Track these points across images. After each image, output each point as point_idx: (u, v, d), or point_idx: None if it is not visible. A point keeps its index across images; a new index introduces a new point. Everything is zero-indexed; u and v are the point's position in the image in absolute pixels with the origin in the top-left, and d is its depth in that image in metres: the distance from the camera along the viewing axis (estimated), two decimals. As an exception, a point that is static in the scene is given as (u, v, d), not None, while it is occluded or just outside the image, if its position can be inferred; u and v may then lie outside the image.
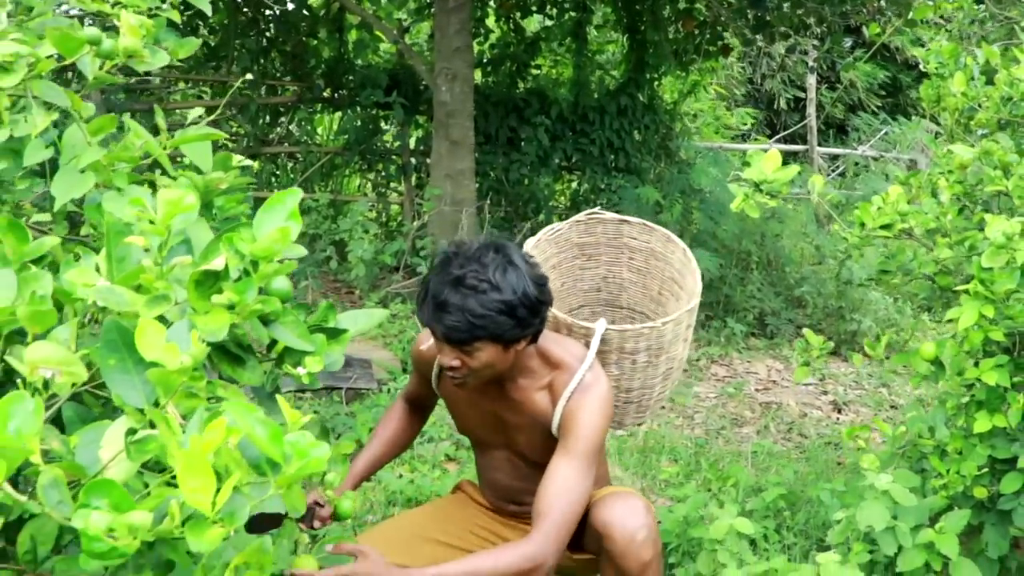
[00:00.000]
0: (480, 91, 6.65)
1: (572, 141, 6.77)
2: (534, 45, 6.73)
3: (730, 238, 6.14)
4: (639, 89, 6.77)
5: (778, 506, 3.05)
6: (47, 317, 1.01)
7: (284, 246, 1.07)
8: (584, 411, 1.98)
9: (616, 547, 1.96)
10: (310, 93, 6.61)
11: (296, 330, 1.28)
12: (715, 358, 5.60)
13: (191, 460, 0.86)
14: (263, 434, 0.91)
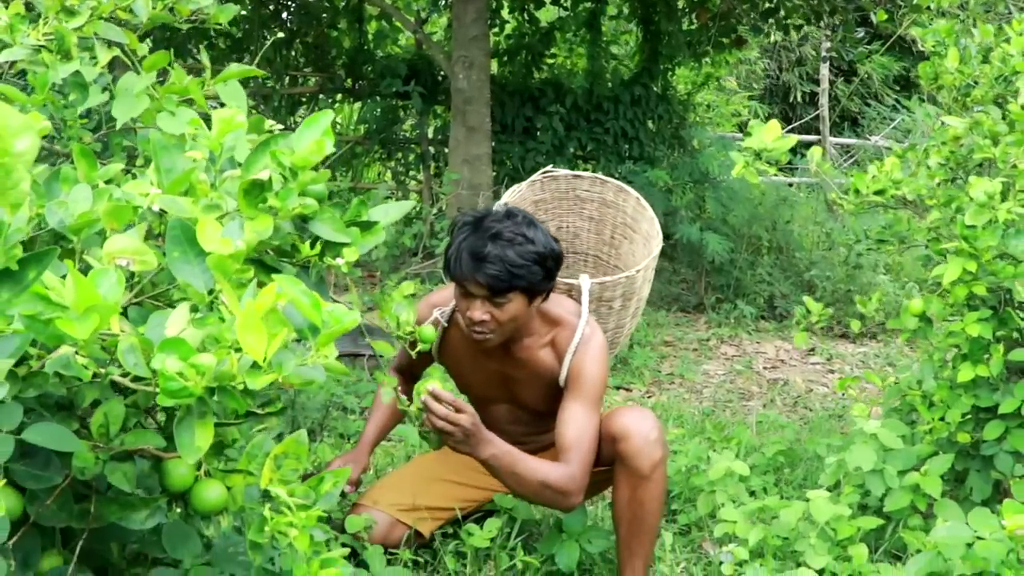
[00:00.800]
0: (496, 81, 6.82)
1: (587, 130, 6.92)
2: (549, 35, 6.89)
3: (741, 223, 6.28)
4: (653, 80, 6.91)
5: (778, 462, 3.19)
6: (124, 212, 1.19)
7: (319, 157, 1.25)
8: (589, 362, 2.21)
9: (631, 447, 2.15)
10: (331, 83, 6.81)
11: (333, 225, 1.46)
12: (725, 338, 5.74)
13: (247, 317, 1.04)
14: (306, 301, 1.09)
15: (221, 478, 1.41)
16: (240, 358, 1.06)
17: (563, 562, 2.32)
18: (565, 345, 2.23)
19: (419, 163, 6.97)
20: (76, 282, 1.02)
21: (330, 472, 1.50)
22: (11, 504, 1.19)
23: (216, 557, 1.54)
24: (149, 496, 1.39)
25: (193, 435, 1.10)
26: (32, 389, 1.21)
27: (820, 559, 2.37)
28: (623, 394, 4.60)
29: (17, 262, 1.01)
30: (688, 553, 2.61)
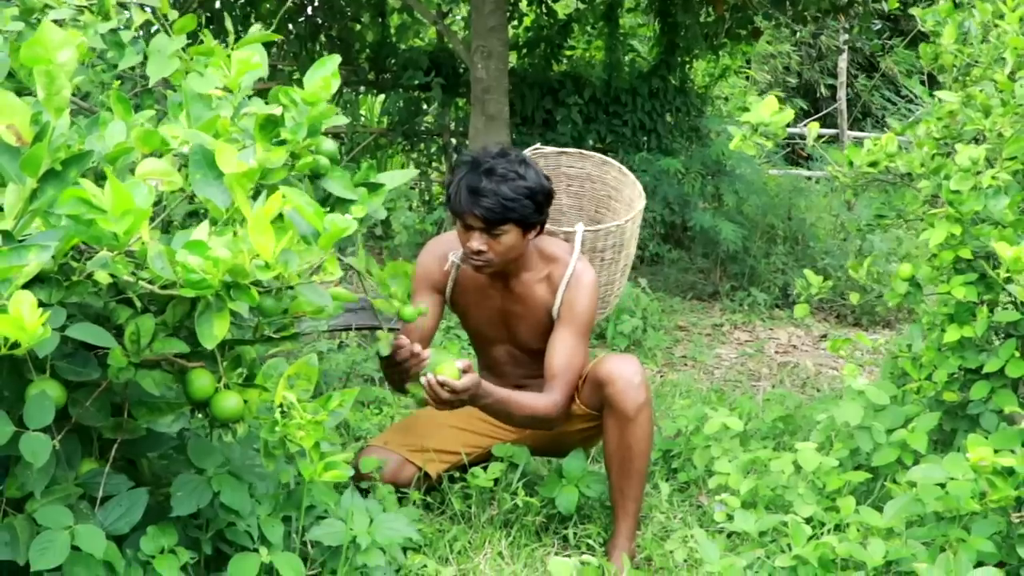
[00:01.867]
0: (516, 73, 6.97)
1: (606, 122, 7.05)
2: (567, 28, 7.03)
3: (755, 212, 6.38)
4: (671, 72, 7.03)
5: (777, 429, 3.31)
6: (152, 137, 1.35)
7: (327, 93, 1.41)
8: (580, 295, 2.40)
9: (616, 390, 2.31)
10: (355, 76, 6.99)
11: (342, 183, 1.63)
12: (738, 324, 5.85)
13: (257, 220, 1.19)
14: (308, 207, 1.24)
15: (239, 391, 1.57)
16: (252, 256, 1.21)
17: (563, 505, 2.46)
18: (559, 279, 2.43)
19: (441, 154, 7.14)
20: (114, 188, 1.18)
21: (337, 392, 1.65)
22: (56, 394, 1.36)
23: (235, 467, 1.69)
24: (175, 402, 1.55)
25: (212, 325, 1.26)
26: (74, 296, 1.37)
27: (808, 508, 2.48)
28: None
29: (60, 163, 1.17)
30: (685, 506, 2.74)
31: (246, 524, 1.68)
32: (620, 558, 2.31)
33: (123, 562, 1.50)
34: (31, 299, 0.99)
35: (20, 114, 1.14)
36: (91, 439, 1.63)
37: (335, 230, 1.26)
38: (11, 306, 0.97)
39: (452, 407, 2.19)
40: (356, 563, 1.86)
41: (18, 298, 0.98)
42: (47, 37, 1.14)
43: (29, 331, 0.99)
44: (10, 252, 1.06)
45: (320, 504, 1.93)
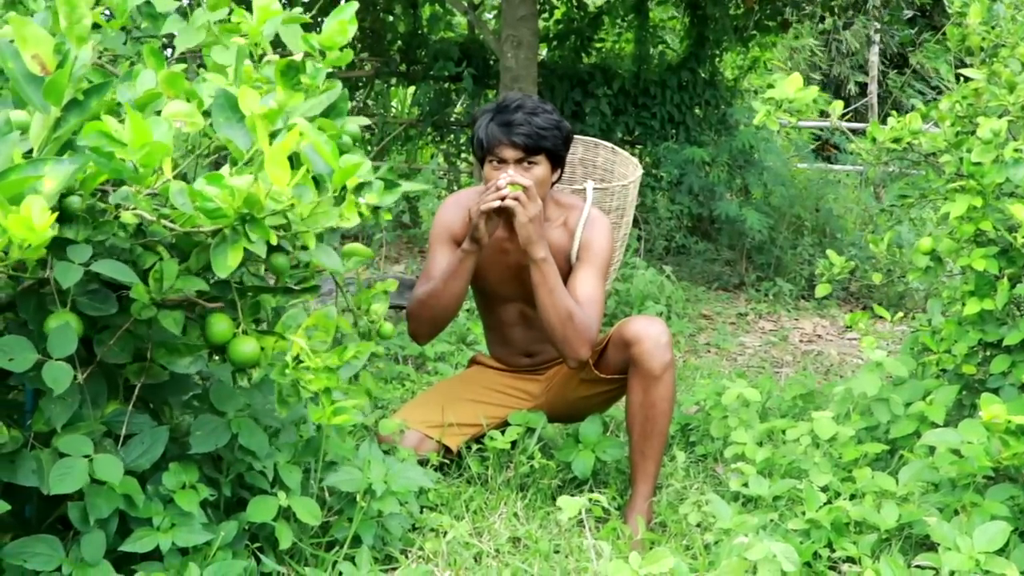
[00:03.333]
0: (546, 65, 7.01)
1: (634, 115, 7.07)
2: (597, 20, 7.06)
3: (782, 203, 6.37)
4: (700, 64, 7.04)
5: (797, 407, 3.32)
6: (177, 80, 1.40)
7: (343, 37, 1.45)
8: (597, 235, 2.50)
9: (643, 349, 2.35)
10: (386, 67, 7.07)
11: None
12: (763, 314, 5.85)
13: (274, 154, 1.24)
14: (325, 144, 1.29)
15: (256, 337, 1.62)
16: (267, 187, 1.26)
17: (579, 469, 2.49)
18: (575, 223, 2.52)
19: (471, 144, 7.20)
20: (133, 121, 1.23)
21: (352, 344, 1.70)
22: (77, 327, 1.41)
23: (253, 411, 1.75)
24: (194, 344, 1.60)
25: (226, 256, 1.31)
26: (100, 234, 1.43)
27: (824, 477, 2.49)
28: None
29: (82, 92, 1.22)
30: (701, 477, 2.76)
31: (262, 466, 1.73)
32: (636, 521, 2.33)
33: (143, 496, 1.55)
34: (42, 203, 1.04)
35: (44, 44, 1.20)
36: (116, 382, 1.68)
37: (349, 168, 1.30)
38: (22, 208, 1.02)
39: (531, 210, 2.26)
40: (372, 511, 1.90)
41: (29, 201, 1.03)
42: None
43: (38, 232, 1.04)
44: (26, 164, 1.11)
45: (339, 457, 1.98)
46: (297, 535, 1.83)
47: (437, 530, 2.16)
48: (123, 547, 1.52)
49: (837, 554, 2.13)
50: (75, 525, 1.50)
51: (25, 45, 1.19)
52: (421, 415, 2.56)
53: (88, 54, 1.25)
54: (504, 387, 2.68)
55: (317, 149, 1.30)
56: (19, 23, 1.19)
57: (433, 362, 3.85)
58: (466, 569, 2.01)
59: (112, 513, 1.51)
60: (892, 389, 2.73)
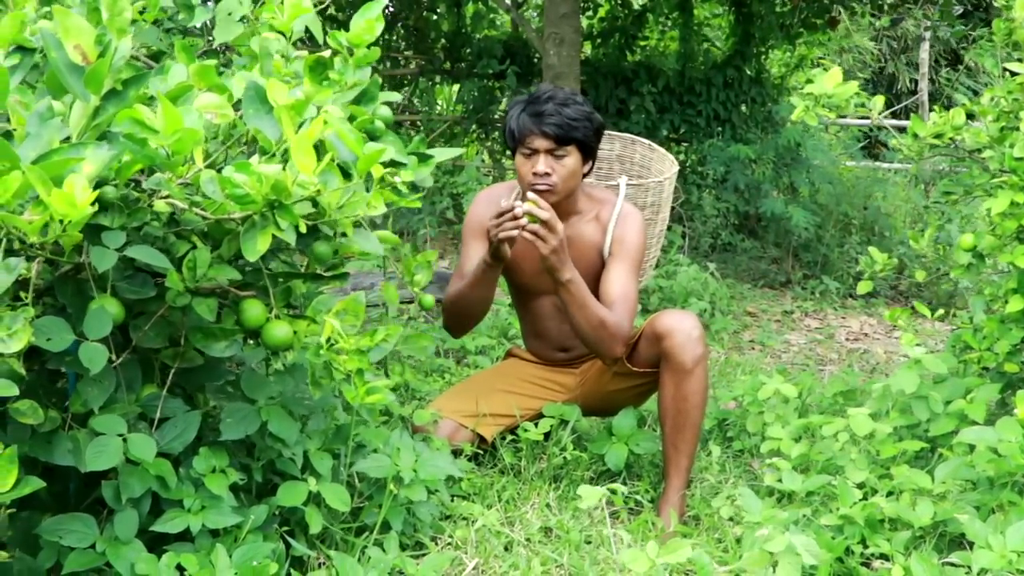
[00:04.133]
0: (590, 63, 7.00)
1: (679, 112, 7.04)
2: (641, 18, 7.04)
3: (829, 201, 6.30)
4: (745, 62, 6.98)
5: (837, 404, 3.28)
6: (209, 73, 1.43)
7: (370, 35, 1.48)
8: (629, 231, 2.50)
9: (675, 343, 2.35)
10: (431, 65, 7.12)
11: (395, 147, 1.71)
12: (809, 312, 5.78)
13: (300, 141, 1.27)
14: (350, 132, 1.31)
15: (289, 321, 1.65)
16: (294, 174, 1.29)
17: (612, 462, 2.50)
18: (607, 217, 2.52)
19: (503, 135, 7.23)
20: (165, 109, 1.27)
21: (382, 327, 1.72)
22: (115, 310, 1.45)
23: (284, 399, 1.78)
24: (228, 329, 1.63)
25: (256, 241, 1.34)
26: (135, 221, 1.47)
27: (860, 474, 2.46)
28: (700, 356, 4.70)
29: (121, 83, 1.26)
30: (737, 472, 2.74)
31: (291, 453, 1.76)
32: (668, 514, 2.33)
33: (175, 478, 1.59)
34: (83, 182, 1.08)
35: (86, 35, 1.24)
36: (153, 367, 1.73)
37: (373, 154, 1.32)
38: (65, 185, 1.06)
39: (552, 240, 2.21)
40: (401, 499, 1.93)
41: (72, 179, 1.07)
42: (104, -39, 1.23)
43: (79, 208, 1.08)
44: (68, 147, 1.15)
45: (370, 444, 2.01)
46: (328, 520, 1.86)
47: (468, 518, 2.18)
48: (154, 527, 1.56)
49: (870, 550, 2.11)
50: (109, 503, 1.54)
51: (67, 35, 1.23)
52: (456, 405, 2.58)
53: (128, 46, 1.29)
54: (539, 379, 2.70)
55: (341, 137, 1.32)
56: (63, 14, 1.24)
57: (474, 355, 3.88)
58: (495, 557, 2.03)
59: (144, 493, 1.55)
60: (932, 387, 2.69)
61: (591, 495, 1.68)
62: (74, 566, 1.48)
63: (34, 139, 1.18)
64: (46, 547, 1.53)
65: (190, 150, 1.31)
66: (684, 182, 7.01)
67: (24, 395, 1.51)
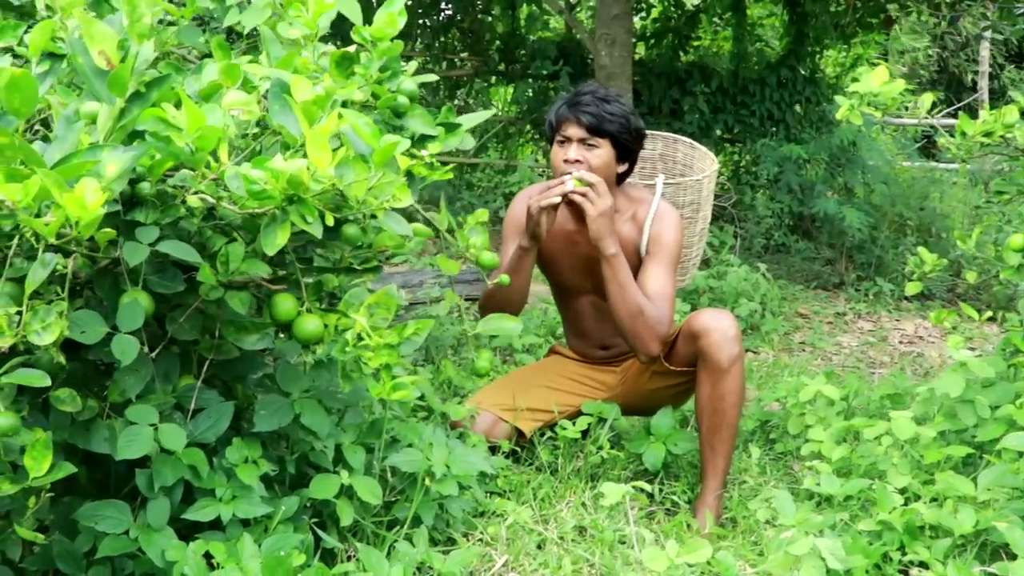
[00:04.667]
0: (643, 63, 6.98)
1: (733, 112, 6.98)
2: (694, 18, 6.99)
3: (884, 201, 6.19)
4: (800, 62, 6.89)
5: (885, 406, 3.22)
6: (235, 71, 1.47)
7: (392, 29, 1.50)
8: (666, 229, 2.50)
9: (711, 342, 2.34)
10: (486, 67, 7.16)
11: (423, 120, 1.72)
12: (862, 314, 5.69)
13: (315, 136, 1.29)
14: (366, 129, 1.33)
15: (320, 315, 1.68)
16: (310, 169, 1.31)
17: (649, 461, 2.49)
18: (644, 216, 2.52)
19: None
20: (188, 108, 1.30)
21: (412, 322, 1.74)
22: (146, 304, 1.49)
23: (318, 392, 1.81)
24: (260, 322, 1.67)
25: (275, 235, 1.37)
26: (167, 216, 1.51)
27: (902, 479, 2.42)
28: (750, 356, 4.66)
29: (144, 85, 1.30)
30: (778, 474, 2.71)
31: (323, 445, 1.79)
32: (704, 515, 2.32)
33: (207, 468, 1.63)
34: (95, 185, 1.12)
35: (109, 40, 1.28)
36: (190, 359, 1.77)
37: (388, 147, 1.34)
38: (76, 188, 1.10)
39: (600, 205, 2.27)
40: (433, 494, 1.95)
41: (83, 183, 1.10)
42: (128, -33, 1.27)
43: (89, 210, 1.11)
44: (86, 151, 1.19)
45: (405, 439, 2.03)
46: (360, 514, 1.89)
47: (502, 515, 2.19)
48: (186, 515, 1.60)
49: (908, 558, 2.07)
50: (142, 491, 1.58)
51: (92, 41, 1.27)
52: (495, 399, 2.59)
53: (150, 49, 1.32)
54: (580, 376, 2.71)
55: (356, 131, 1.35)
56: (87, 22, 1.28)
57: (520, 354, 3.89)
58: (526, 554, 2.04)
59: (177, 482, 1.59)
60: (980, 391, 2.63)
61: (614, 492, 1.67)
62: (107, 551, 1.53)
63: (60, 141, 1.23)
64: (83, 532, 1.58)
65: (213, 147, 1.35)
66: (737, 182, 6.94)
67: (65, 384, 1.57)
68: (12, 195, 1.11)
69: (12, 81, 1.17)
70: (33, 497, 1.52)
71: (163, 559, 1.53)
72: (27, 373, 1.34)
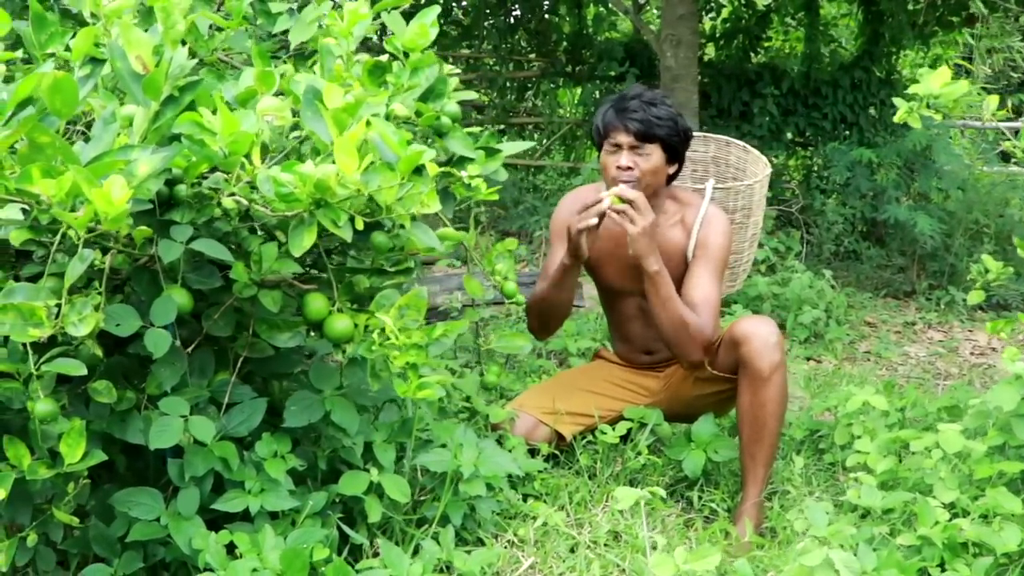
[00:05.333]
0: (712, 64, 6.91)
1: (805, 115, 6.86)
2: (765, 19, 6.90)
3: (959, 208, 6.02)
4: (874, 63, 6.74)
5: (941, 418, 3.14)
6: (269, 78, 1.51)
7: (424, 40, 1.53)
8: (714, 233, 2.49)
9: (752, 349, 2.32)
10: (553, 68, 7.17)
11: (463, 142, 1.76)
12: (933, 323, 5.54)
13: (343, 142, 1.33)
14: (392, 134, 1.36)
15: (351, 315, 1.72)
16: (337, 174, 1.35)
17: (689, 468, 2.47)
18: (692, 220, 2.52)
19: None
20: (222, 113, 1.35)
21: (442, 323, 1.77)
22: (182, 300, 1.55)
23: (350, 390, 1.85)
24: (292, 320, 1.72)
25: (302, 237, 1.41)
26: (202, 216, 1.56)
27: (949, 493, 2.36)
28: (811, 364, 4.59)
29: (178, 89, 1.35)
30: (824, 485, 2.67)
31: (351, 443, 1.83)
32: (744, 524, 2.30)
33: (237, 460, 1.68)
34: (122, 182, 1.17)
35: (144, 46, 1.33)
36: (227, 355, 1.83)
37: (414, 156, 1.37)
38: (105, 184, 1.15)
39: (639, 222, 2.25)
40: (463, 494, 1.97)
41: (112, 180, 1.16)
42: (160, -22, 1.33)
43: (116, 206, 1.16)
44: (117, 150, 1.24)
45: (436, 438, 2.06)
46: (389, 511, 1.92)
47: (535, 517, 2.20)
48: (215, 505, 1.65)
49: (947, 574, 2.03)
50: (174, 481, 1.64)
51: (129, 47, 1.33)
52: (536, 401, 2.60)
53: (183, 55, 1.37)
54: (623, 381, 2.70)
55: (384, 139, 1.38)
56: (125, 28, 1.34)
57: (575, 357, 3.90)
58: (555, 557, 2.05)
59: (207, 473, 1.65)
60: (1038, 403, 2.55)
61: (628, 497, 1.68)
62: (138, 535, 1.59)
63: (96, 141, 1.29)
64: (119, 517, 1.65)
65: (246, 151, 1.39)
66: (807, 187, 6.82)
67: (109, 376, 1.64)
68: (48, 190, 1.17)
69: (55, 84, 1.23)
70: (72, 483, 1.59)
71: (190, 546, 1.59)
72: (65, 362, 1.41)
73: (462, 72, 7.47)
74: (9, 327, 1.32)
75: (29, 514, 1.60)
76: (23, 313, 1.33)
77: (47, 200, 1.17)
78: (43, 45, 1.56)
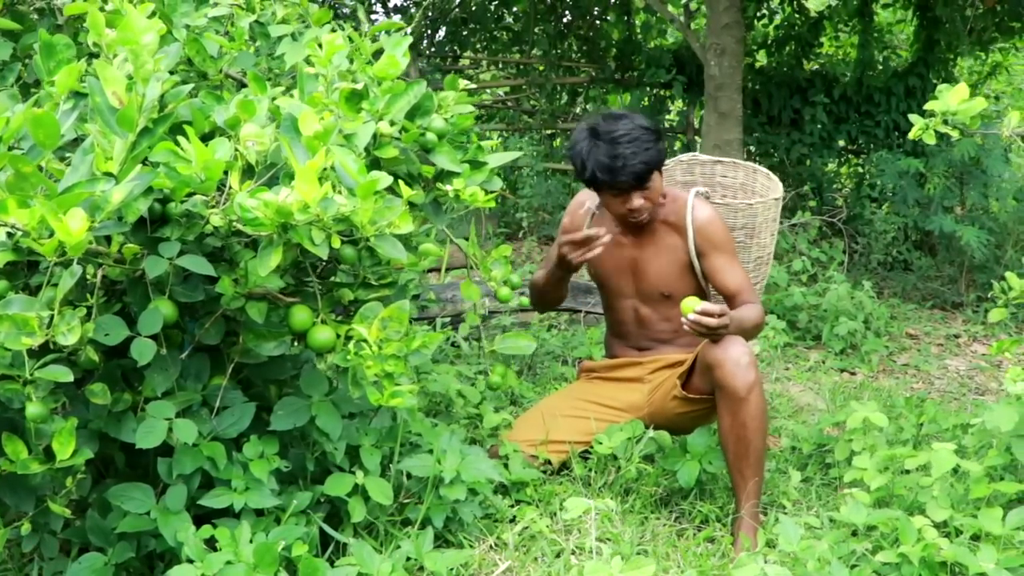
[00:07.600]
0: (763, 72, 6.88)
1: (857, 123, 6.80)
2: (818, 25, 6.85)
3: (1010, 219, 5.91)
4: (930, 70, 6.65)
5: (955, 434, 3.13)
6: (250, 106, 1.63)
7: (396, 70, 1.63)
8: (709, 223, 2.60)
9: (725, 372, 2.37)
10: (602, 74, 7.22)
11: (448, 157, 1.85)
12: (978, 337, 5.45)
13: (304, 172, 1.43)
14: (352, 164, 1.46)
15: (334, 326, 1.83)
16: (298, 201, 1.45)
17: (683, 478, 2.52)
18: (682, 211, 2.61)
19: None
20: (194, 143, 1.46)
21: (421, 332, 1.86)
22: (168, 311, 1.67)
23: (337, 396, 1.96)
24: (277, 331, 1.83)
25: (269, 258, 1.51)
26: (189, 234, 1.68)
27: (941, 512, 2.37)
28: (844, 376, 4.58)
29: (152, 121, 1.47)
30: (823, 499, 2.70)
31: (334, 447, 1.94)
32: (740, 536, 2.35)
33: (225, 460, 1.80)
34: (82, 214, 1.29)
35: (119, 83, 1.45)
36: (223, 362, 1.95)
37: (371, 183, 1.47)
38: (66, 217, 1.27)
39: (724, 330, 2.32)
40: (447, 499, 2.07)
41: (73, 212, 1.28)
42: (134, 23, 1.45)
43: (75, 236, 1.28)
44: (86, 182, 1.36)
45: (426, 444, 2.16)
46: (375, 513, 2.02)
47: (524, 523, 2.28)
48: (201, 501, 1.78)
49: (923, 593, 2.05)
50: (163, 478, 1.77)
51: (107, 83, 1.45)
52: (524, 434, 2.66)
53: (156, 90, 1.49)
54: (607, 399, 2.73)
55: (343, 167, 1.48)
56: (102, 67, 1.46)
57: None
58: (534, 561, 2.13)
59: (194, 471, 1.77)
60: (1038, 424, 2.54)
61: (576, 507, 1.75)
62: (127, 527, 1.72)
63: (73, 171, 1.41)
64: (114, 510, 1.78)
65: (219, 177, 1.51)
66: (857, 195, 6.75)
67: (110, 380, 1.77)
68: (22, 219, 1.29)
69: (35, 119, 1.36)
70: (71, 477, 1.73)
71: (175, 539, 1.71)
72: (55, 369, 1.54)
73: (512, 77, 7.57)
74: (4, 336, 1.45)
75: (32, 504, 1.74)
76: (17, 323, 1.46)
77: (21, 228, 1.29)
78: (51, 72, 1.69)
